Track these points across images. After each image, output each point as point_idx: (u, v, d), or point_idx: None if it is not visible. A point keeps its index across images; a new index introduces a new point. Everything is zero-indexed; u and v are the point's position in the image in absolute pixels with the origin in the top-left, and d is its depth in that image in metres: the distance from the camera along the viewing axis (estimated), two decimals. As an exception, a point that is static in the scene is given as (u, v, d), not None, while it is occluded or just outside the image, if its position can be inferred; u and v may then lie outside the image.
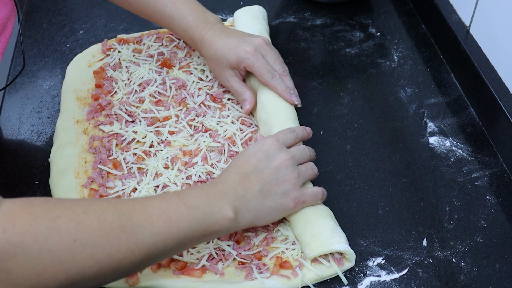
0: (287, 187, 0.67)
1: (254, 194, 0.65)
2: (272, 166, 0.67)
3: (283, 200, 0.66)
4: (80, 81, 0.91)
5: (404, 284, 0.68)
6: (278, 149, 0.69)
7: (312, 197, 0.69)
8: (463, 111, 0.90)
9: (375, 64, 0.99)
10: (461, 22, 0.96)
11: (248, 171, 0.66)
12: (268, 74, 0.81)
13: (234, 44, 0.82)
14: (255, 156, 0.68)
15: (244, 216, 0.63)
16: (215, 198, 0.62)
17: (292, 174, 0.68)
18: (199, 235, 0.60)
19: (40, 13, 1.09)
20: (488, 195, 0.78)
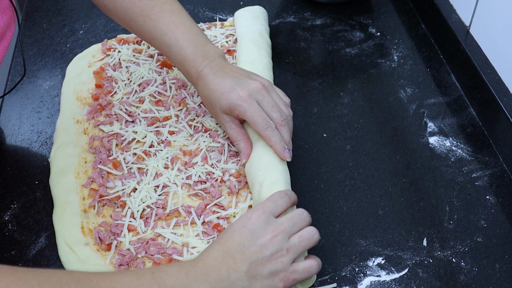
0: (274, 266, 0.59)
1: (239, 276, 0.57)
2: (258, 244, 0.59)
3: (270, 282, 0.59)
4: (80, 81, 0.91)
5: (404, 284, 0.68)
6: (265, 223, 0.61)
7: (304, 274, 0.61)
8: (463, 111, 0.90)
9: (375, 64, 0.99)
10: (461, 22, 0.96)
11: (231, 249, 0.59)
12: (262, 123, 0.72)
13: (228, 87, 0.74)
14: (239, 232, 0.60)
15: None
16: (194, 279, 0.55)
17: (280, 251, 0.60)
18: None
19: (40, 13, 1.09)
20: (488, 195, 0.78)
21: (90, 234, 0.71)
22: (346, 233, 0.73)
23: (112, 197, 0.74)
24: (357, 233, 0.73)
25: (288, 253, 0.61)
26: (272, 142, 0.73)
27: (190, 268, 0.56)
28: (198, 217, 0.72)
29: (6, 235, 0.72)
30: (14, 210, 0.75)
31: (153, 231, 0.71)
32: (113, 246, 0.69)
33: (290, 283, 0.61)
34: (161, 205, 0.73)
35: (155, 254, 0.69)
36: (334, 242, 0.72)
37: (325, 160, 0.82)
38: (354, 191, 0.78)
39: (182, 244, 0.70)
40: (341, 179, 0.80)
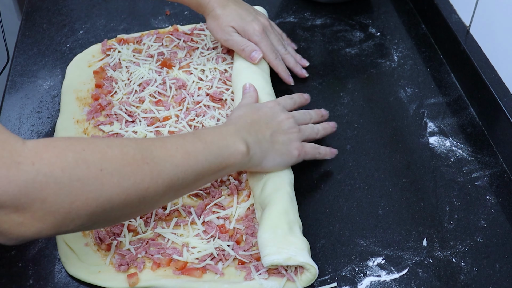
0: (291, 137, 0.74)
1: (264, 136, 0.71)
2: (277, 120, 0.74)
3: (288, 147, 0.73)
4: (80, 81, 0.91)
5: (404, 284, 0.68)
6: (281, 110, 0.76)
7: (313, 149, 0.76)
8: (463, 111, 0.90)
9: (375, 64, 0.99)
10: (461, 22, 0.96)
11: (257, 119, 0.72)
12: (272, 54, 0.90)
13: (244, 16, 0.89)
14: (262, 109, 0.75)
15: (256, 153, 0.69)
16: (228, 134, 0.67)
17: (294, 128, 0.75)
18: (216, 168, 0.64)
19: (40, 13, 1.09)
20: (488, 195, 0.78)
21: (90, 234, 0.71)
22: (346, 233, 0.73)
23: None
24: (357, 233, 0.73)
25: (299, 132, 0.75)
26: (279, 70, 0.91)
27: (224, 128, 0.69)
28: (198, 217, 0.72)
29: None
30: (14, 210, 0.75)
31: (153, 231, 0.71)
32: (113, 246, 0.69)
33: (303, 153, 0.75)
34: (161, 205, 0.74)
35: (155, 254, 0.69)
36: (334, 242, 0.72)
37: (325, 160, 0.82)
38: (354, 191, 0.78)
39: (182, 244, 0.70)
40: (341, 179, 0.80)
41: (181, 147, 0.62)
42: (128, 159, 0.57)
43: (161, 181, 0.58)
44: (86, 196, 0.53)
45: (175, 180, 0.60)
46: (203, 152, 0.63)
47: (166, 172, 0.59)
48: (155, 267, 0.67)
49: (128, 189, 0.56)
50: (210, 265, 0.68)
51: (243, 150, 0.66)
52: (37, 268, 0.69)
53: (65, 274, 0.68)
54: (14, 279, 0.68)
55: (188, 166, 0.61)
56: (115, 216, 0.58)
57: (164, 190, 0.59)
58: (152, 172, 0.58)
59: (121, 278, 0.66)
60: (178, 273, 0.67)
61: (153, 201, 0.60)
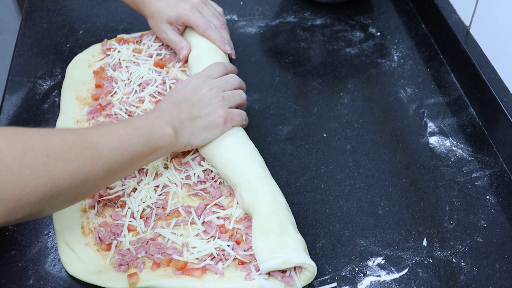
0: (213, 107, 0.76)
1: (186, 115, 0.73)
2: (198, 95, 0.76)
3: (211, 118, 0.75)
4: (80, 81, 0.91)
5: (404, 284, 0.68)
6: (203, 82, 0.78)
7: (239, 116, 0.78)
8: (463, 111, 0.90)
9: (375, 64, 0.99)
10: (461, 22, 0.96)
11: (178, 100, 0.75)
12: (203, 25, 0.90)
13: (173, 3, 0.91)
14: (184, 89, 0.77)
15: (181, 133, 0.72)
16: (154, 119, 0.70)
17: (216, 98, 0.76)
18: (148, 151, 0.68)
19: (40, 13, 1.09)
20: (488, 195, 0.78)
21: (90, 234, 0.71)
22: (346, 233, 0.73)
23: (112, 197, 0.74)
24: (357, 233, 0.73)
25: (223, 100, 0.77)
26: (213, 39, 0.91)
27: (149, 114, 0.72)
28: (198, 217, 0.72)
29: (6, 235, 0.72)
30: (14, 210, 0.75)
31: (153, 231, 0.71)
32: (113, 246, 0.69)
33: (229, 121, 0.76)
34: (161, 205, 0.73)
35: (155, 254, 0.68)
36: (334, 242, 0.72)
37: (325, 160, 0.82)
38: (354, 191, 0.78)
39: (182, 244, 0.70)
40: (341, 179, 0.80)
41: (115, 132, 0.65)
42: (69, 144, 0.59)
43: (101, 164, 0.61)
44: (35, 183, 0.55)
45: (113, 162, 0.63)
46: (135, 136, 0.66)
47: (105, 155, 0.62)
48: (155, 267, 0.67)
49: (73, 174, 0.59)
50: (210, 265, 0.67)
51: (170, 132, 0.70)
52: (37, 268, 0.69)
53: (65, 274, 0.68)
54: (14, 279, 0.68)
55: (124, 149, 0.64)
56: (61, 202, 0.61)
57: (105, 173, 0.62)
58: (92, 155, 0.61)
59: (121, 278, 0.66)
60: (178, 273, 0.67)
61: (95, 185, 0.63)
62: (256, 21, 1.07)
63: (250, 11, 1.09)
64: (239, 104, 0.80)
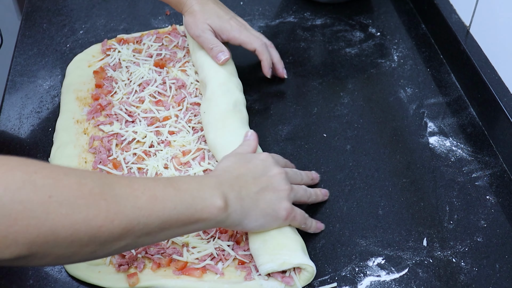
0: (281, 195, 0.66)
1: (249, 193, 0.64)
2: (268, 175, 0.67)
3: (276, 206, 0.65)
4: (80, 81, 0.91)
5: (404, 284, 0.68)
6: (274, 163, 0.69)
7: (302, 216, 0.69)
8: (463, 111, 0.90)
9: (375, 64, 0.99)
10: (461, 22, 0.96)
11: (245, 173, 0.66)
12: (257, 40, 0.88)
13: (222, 15, 0.88)
14: (252, 161, 0.68)
15: (236, 210, 0.62)
16: (207, 186, 0.61)
17: (285, 185, 0.67)
18: (185, 220, 0.58)
19: (40, 13, 1.09)
20: (488, 195, 0.78)
21: (90, 234, 0.71)
22: (346, 233, 0.73)
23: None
24: (357, 233, 0.73)
25: (291, 191, 0.68)
26: (264, 57, 0.89)
27: (204, 179, 0.63)
28: (198, 217, 0.72)
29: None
30: (14, 210, 0.75)
31: (153, 231, 0.71)
32: (113, 246, 0.69)
33: (292, 218, 0.67)
34: (161, 205, 0.73)
35: (155, 254, 0.69)
36: (334, 242, 0.72)
37: (325, 160, 0.82)
38: (354, 191, 0.78)
39: (182, 244, 0.70)
40: (341, 179, 0.80)
41: (150, 189, 0.56)
42: (84, 190, 0.51)
43: (117, 222, 0.52)
44: (27, 222, 0.48)
45: (135, 223, 0.54)
46: (173, 199, 0.57)
47: (125, 213, 0.53)
48: (155, 267, 0.67)
49: (77, 223, 0.50)
50: (210, 265, 0.68)
51: (220, 205, 0.60)
52: (37, 268, 0.69)
53: (65, 274, 0.68)
54: (14, 279, 0.68)
55: (153, 211, 0.55)
56: (58, 253, 0.51)
57: (121, 232, 0.53)
58: (108, 210, 0.52)
59: (121, 278, 0.66)
60: (178, 273, 0.67)
61: (107, 243, 0.53)
62: (256, 21, 1.07)
63: (250, 11, 1.09)
64: (303, 202, 0.72)
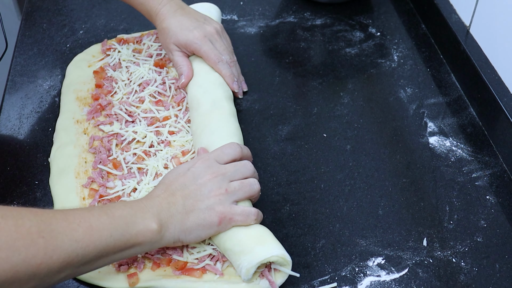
0: (211, 201, 0.65)
1: (178, 209, 0.63)
2: (198, 183, 0.66)
3: (206, 215, 0.64)
4: (80, 81, 0.91)
5: (404, 284, 0.68)
6: (207, 167, 0.67)
7: (242, 216, 0.66)
8: (463, 111, 0.90)
9: (375, 64, 0.99)
10: (461, 22, 0.96)
11: (174, 188, 0.65)
12: (214, 57, 0.85)
13: (186, 26, 0.86)
14: (183, 174, 0.67)
15: (168, 229, 0.62)
16: (139, 210, 0.61)
17: (218, 190, 0.65)
18: (122, 246, 0.58)
19: (40, 13, 1.09)
20: (488, 195, 0.78)
21: (90, 234, 0.70)
22: (346, 233, 0.73)
23: (112, 197, 0.74)
24: (357, 233, 0.73)
25: (227, 193, 0.66)
26: (223, 74, 0.86)
27: (135, 202, 0.63)
28: (198, 217, 0.72)
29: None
30: (14, 210, 0.75)
31: (153, 231, 0.71)
32: (113, 246, 0.69)
33: (227, 221, 0.65)
34: (161, 205, 0.73)
35: (155, 254, 0.68)
36: (334, 242, 0.72)
37: (325, 160, 0.82)
38: (354, 191, 0.78)
39: (182, 244, 0.70)
40: (341, 179, 0.80)
41: (85, 220, 0.56)
42: (22, 231, 0.51)
43: (56, 257, 0.52)
44: None
45: (73, 256, 0.54)
46: (108, 228, 0.57)
47: (63, 247, 0.53)
48: (155, 267, 0.67)
49: (17, 265, 0.50)
50: (209, 265, 0.67)
51: (153, 228, 0.60)
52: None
53: (65, 274, 0.68)
54: (14, 279, 0.68)
55: (90, 241, 0.55)
56: None
57: (59, 266, 0.53)
58: (46, 247, 0.52)
59: (121, 278, 0.66)
60: (178, 273, 0.67)
61: (47, 278, 0.53)
62: (256, 21, 1.07)
63: (250, 11, 1.09)
64: (248, 197, 0.68)
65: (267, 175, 0.80)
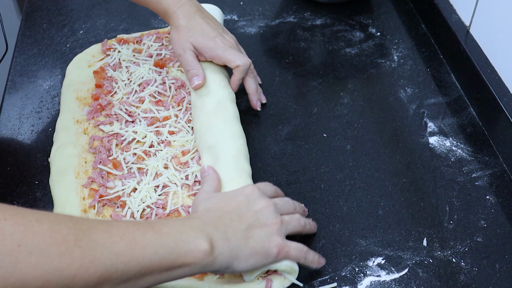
0: (270, 231, 0.62)
1: (236, 233, 0.60)
2: (254, 210, 0.63)
3: (266, 244, 0.61)
4: (80, 81, 0.91)
5: (404, 284, 0.68)
6: (260, 196, 0.65)
7: (297, 251, 0.63)
8: (463, 111, 0.90)
9: (375, 64, 0.99)
10: (461, 22, 0.96)
11: (229, 211, 0.62)
12: (243, 64, 0.82)
13: (208, 32, 0.83)
14: (236, 199, 0.64)
15: (223, 252, 0.58)
16: (190, 228, 0.57)
17: (274, 219, 0.63)
18: (168, 265, 0.54)
19: (40, 13, 1.09)
20: (488, 195, 0.78)
21: (90, 234, 0.70)
22: (346, 233, 0.73)
23: (112, 197, 0.74)
24: (357, 233, 0.73)
25: (282, 224, 0.64)
26: (251, 90, 0.86)
27: (187, 219, 0.59)
28: (198, 217, 0.72)
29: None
30: (14, 210, 0.75)
31: (153, 231, 0.71)
32: (113, 246, 0.69)
33: (284, 253, 0.62)
34: (161, 205, 0.73)
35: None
36: (334, 242, 0.72)
37: (325, 160, 0.82)
38: (354, 191, 0.78)
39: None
40: (341, 179, 0.80)
41: (129, 234, 0.52)
42: (57, 238, 0.48)
43: (93, 270, 0.49)
44: None
45: (112, 271, 0.50)
46: (154, 244, 0.53)
47: (102, 260, 0.49)
48: (155, 267, 0.67)
49: (49, 273, 0.46)
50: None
51: (205, 249, 0.56)
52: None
53: (65, 274, 0.68)
54: (14, 279, 0.67)
55: (132, 257, 0.51)
56: None
57: (96, 281, 0.49)
58: (83, 257, 0.48)
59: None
60: (178, 273, 0.67)
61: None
62: (256, 21, 1.07)
63: (250, 11, 1.09)
64: (296, 232, 0.66)
65: (267, 175, 0.80)
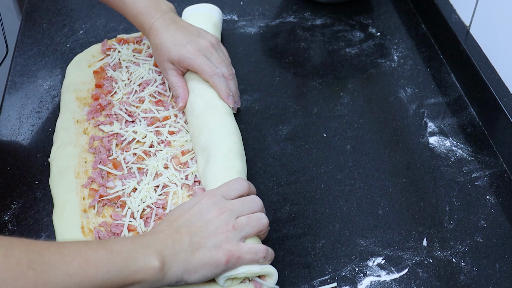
0: (218, 239, 0.61)
1: (183, 246, 0.60)
2: (204, 219, 0.63)
3: (213, 254, 0.60)
4: (80, 81, 0.91)
5: (404, 284, 0.68)
6: (213, 203, 0.64)
7: (250, 254, 0.62)
8: (463, 111, 0.90)
9: (375, 64, 0.99)
10: (461, 22, 0.96)
11: (179, 225, 0.62)
12: (209, 70, 0.81)
13: (180, 41, 0.83)
14: (189, 210, 0.64)
15: (172, 267, 0.58)
16: (140, 245, 0.58)
17: (225, 226, 0.62)
18: (120, 283, 0.55)
19: (40, 13, 1.09)
20: (488, 195, 0.78)
21: (90, 234, 0.71)
22: (346, 233, 0.73)
23: (112, 197, 0.74)
24: (357, 233, 0.73)
25: (234, 230, 0.62)
26: (218, 88, 0.82)
27: (137, 237, 0.60)
28: (198, 217, 0.72)
29: (6, 235, 0.72)
30: (14, 210, 0.75)
31: (153, 231, 0.71)
32: (113, 246, 0.69)
33: (235, 260, 0.61)
34: (161, 205, 0.73)
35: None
36: (334, 242, 0.72)
37: (325, 160, 0.82)
38: (354, 191, 0.78)
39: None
40: (341, 179, 0.80)
41: (81, 254, 0.53)
42: (11, 263, 0.48)
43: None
44: None
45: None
46: (105, 263, 0.54)
47: (55, 281, 0.50)
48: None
49: None
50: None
51: (154, 265, 0.57)
52: None
53: (65, 274, 0.68)
54: (14, 279, 0.68)
55: (85, 277, 0.52)
56: None
57: None
58: (37, 280, 0.49)
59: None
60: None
61: None
62: (256, 21, 1.07)
63: (250, 11, 1.09)
64: (256, 233, 0.65)
65: (267, 175, 0.80)
